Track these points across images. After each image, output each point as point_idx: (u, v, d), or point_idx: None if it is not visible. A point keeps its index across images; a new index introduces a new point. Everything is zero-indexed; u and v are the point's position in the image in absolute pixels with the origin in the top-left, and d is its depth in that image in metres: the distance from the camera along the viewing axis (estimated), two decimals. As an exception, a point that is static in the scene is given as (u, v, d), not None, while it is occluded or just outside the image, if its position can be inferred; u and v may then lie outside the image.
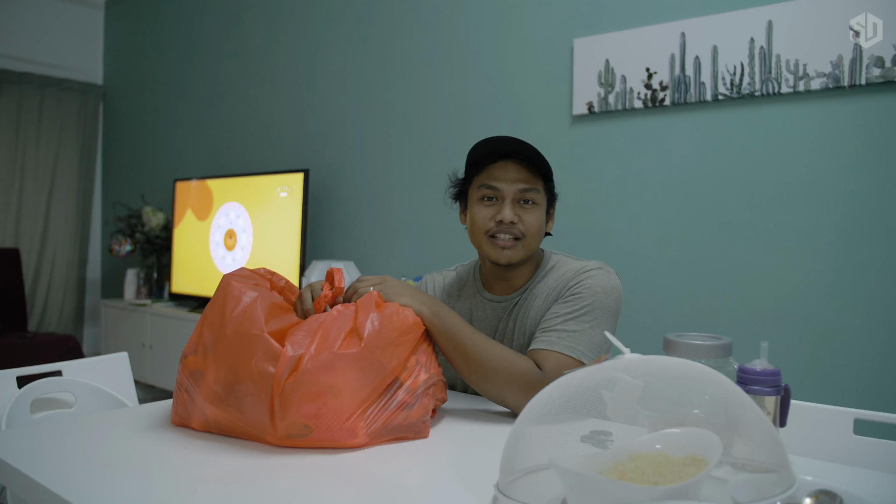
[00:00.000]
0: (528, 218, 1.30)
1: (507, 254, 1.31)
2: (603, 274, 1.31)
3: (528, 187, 1.29)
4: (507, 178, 1.30)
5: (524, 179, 1.29)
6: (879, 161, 2.08)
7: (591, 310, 1.25)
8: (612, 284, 1.30)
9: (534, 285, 1.37)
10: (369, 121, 3.45)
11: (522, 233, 1.30)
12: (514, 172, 1.30)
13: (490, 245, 1.32)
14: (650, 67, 2.46)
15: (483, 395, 1.22)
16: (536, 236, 1.32)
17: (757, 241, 2.29)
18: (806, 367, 2.18)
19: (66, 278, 4.93)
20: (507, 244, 1.30)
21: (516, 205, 1.30)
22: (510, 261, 1.31)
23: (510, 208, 1.29)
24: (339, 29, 3.58)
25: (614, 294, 1.29)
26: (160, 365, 4.06)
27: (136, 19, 4.95)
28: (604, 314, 1.26)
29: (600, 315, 1.26)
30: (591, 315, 1.25)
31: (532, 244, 1.32)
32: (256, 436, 1.03)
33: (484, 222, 1.32)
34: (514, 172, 1.30)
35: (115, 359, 1.57)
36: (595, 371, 0.77)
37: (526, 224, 1.30)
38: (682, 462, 0.73)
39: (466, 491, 0.86)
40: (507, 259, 1.31)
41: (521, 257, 1.32)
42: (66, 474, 0.91)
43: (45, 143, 4.83)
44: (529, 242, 1.31)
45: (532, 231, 1.30)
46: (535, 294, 1.36)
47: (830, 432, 1.20)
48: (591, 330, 1.24)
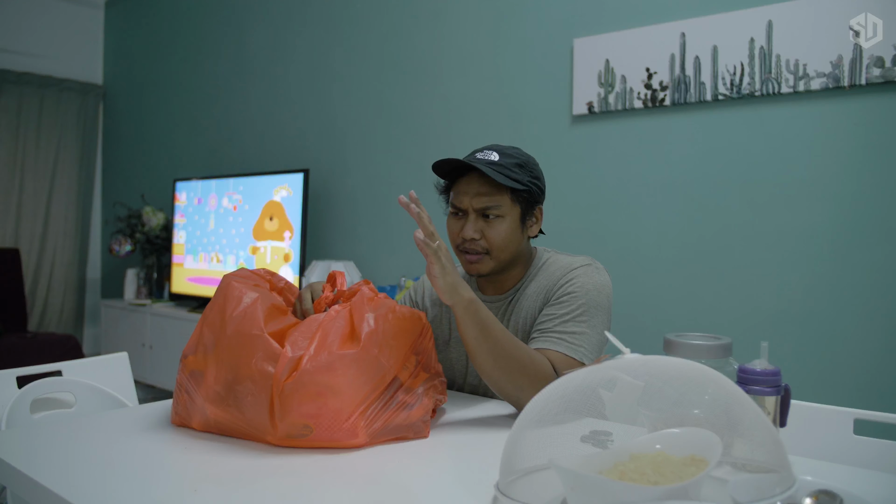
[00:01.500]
0: (490, 232, 1.29)
1: (475, 267, 1.32)
2: (592, 271, 1.32)
3: (489, 204, 1.28)
4: (469, 192, 1.30)
5: (485, 193, 1.28)
6: (879, 161, 2.08)
7: (586, 309, 1.26)
8: (602, 281, 1.31)
9: (526, 284, 1.37)
10: (369, 121, 3.45)
11: (486, 248, 1.30)
12: (477, 187, 1.29)
13: (460, 258, 1.34)
14: (650, 67, 2.46)
15: (497, 391, 1.19)
16: (503, 248, 1.31)
17: (757, 240, 2.29)
18: (806, 367, 2.18)
19: (66, 278, 4.93)
20: (473, 258, 1.31)
21: (480, 219, 1.30)
22: (479, 272, 1.33)
23: (472, 224, 1.29)
24: (339, 29, 3.58)
25: (605, 290, 1.30)
26: (160, 365, 4.05)
27: (136, 19, 4.95)
28: (598, 312, 1.28)
29: (595, 314, 1.27)
30: (587, 315, 1.26)
31: (500, 255, 1.31)
32: (256, 436, 1.03)
33: (452, 237, 1.34)
34: (476, 187, 1.29)
35: (115, 359, 1.57)
36: (595, 371, 0.77)
37: (489, 238, 1.29)
38: (683, 462, 0.73)
39: (466, 491, 0.86)
40: (476, 271, 1.32)
41: (490, 269, 1.32)
42: (66, 474, 0.91)
43: (45, 143, 4.83)
44: (497, 254, 1.31)
45: (496, 244, 1.30)
46: (527, 294, 1.36)
47: (830, 432, 1.20)
48: (591, 330, 1.25)
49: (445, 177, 1.36)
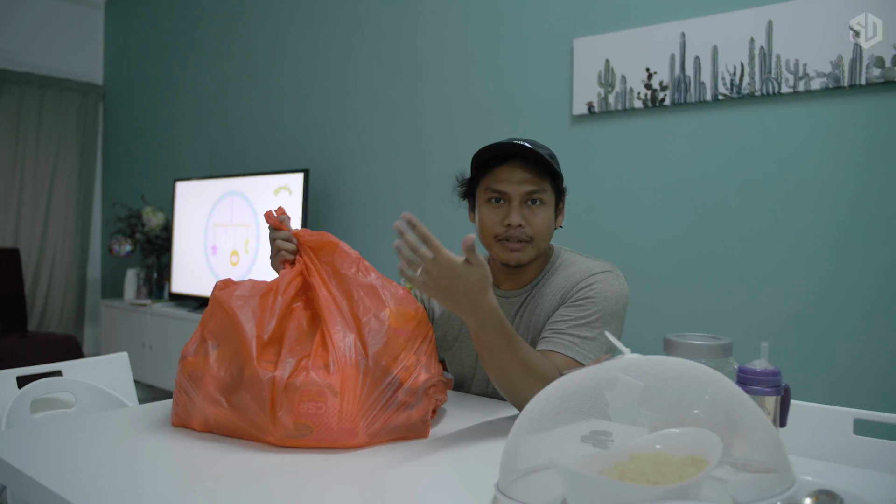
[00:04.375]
0: (535, 219, 1.29)
1: (516, 256, 1.30)
2: (613, 278, 1.31)
3: (534, 188, 1.28)
4: (513, 179, 1.28)
5: (530, 180, 1.28)
6: (879, 161, 2.08)
7: (601, 316, 1.26)
8: (621, 289, 1.30)
9: (543, 282, 1.37)
10: (369, 121, 3.45)
11: (530, 235, 1.29)
12: (521, 173, 1.28)
13: (499, 248, 1.31)
14: (650, 67, 2.46)
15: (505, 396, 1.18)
16: (545, 236, 1.31)
17: (757, 240, 2.29)
18: (806, 367, 2.17)
19: (66, 278, 4.93)
20: (516, 247, 1.29)
21: (523, 206, 1.29)
22: (519, 262, 1.31)
23: (517, 211, 1.28)
24: (339, 29, 3.58)
25: (622, 300, 1.30)
26: (160, 365, 4.05)
27: (136, 19, 4.95)
28: (612, 320, 1.27)
29: (609, 321, 1.27)
30: (602, 322, 1.25)
31: (541, 244, 1.31)
32: (256, 436, 1.03)
33: (492, 226, 1.31)
34: (520, 173, 1.28)
35: (115, 359, 1.57)
36: (595, 371, 0.77)
37: (534, 226, 1.29)
38: (683, 462, 0.73)
39: (466, 491, 0.86)
40: (517, 260, 1.31)
41: (531, 258, 1.32)
42: (66, 474, 0.91)
43: (45, 143, 4.82)
44: (538, 243, 1.31)
45: (540, 232, 1.30)
46: (543, 292, 1.35)
47: (830, 432, 1.20)
48: (601, 337, 1.24)
49: (482, 167, 1.32)
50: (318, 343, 1.04)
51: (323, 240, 1.17)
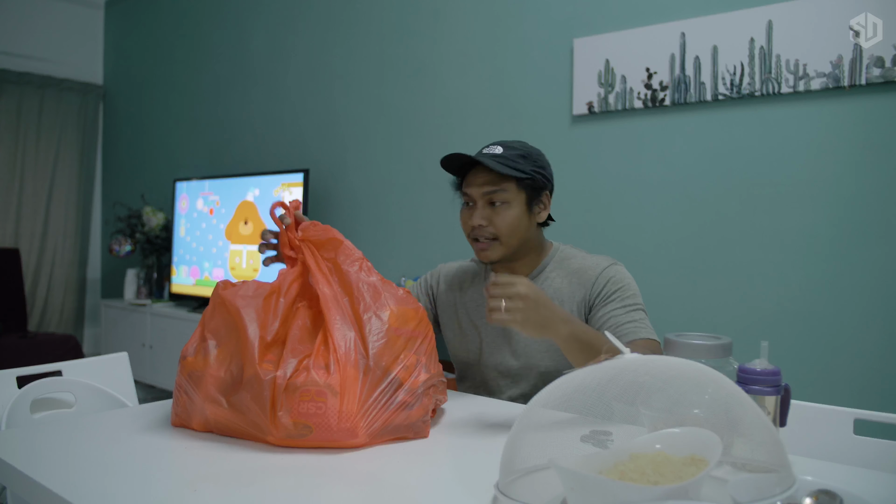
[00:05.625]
0: (497, 219, 1.35)
1: (485, 254, 1.38)
2: (622, 267, 1.42)
3: (493, 189, 1.34)
4: (475, 182, 1.36)
5: (490, 181, 1.34)
6: (879, 161, 2.08)
7: (637, 299, 1.37)
8: (630, 276, 1.42)
9: (546, 274, 1.42)
10: (369, 121, 3.45)
11: (494, 234, 1.36)
12: (482, 176, 1.35)
13: (474, 247, 1.40)
14: (650, 67, 2.46)
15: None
16: (512, 234, 1.36)
17: (757, 240, 2.29)
18: (806, 367, 2.17)
19: (66, 278, 4.93)
20: (483, 246, 1.37)
21: (487, 207, 1.36)
22: (489, 259, 1.38)
23: (479, 212, 1.35)
24: (339, 29, 3.58)
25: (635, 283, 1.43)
26: (160, 365, 4.05)
27: (136, 19, 4.95)
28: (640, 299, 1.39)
29: (641, 300, 1.39)
30: (638, 302, 1.37)
31: (510, 241, 1.37)
32: (256, 436, 1.03)
33: (465, 227, 1.40)
34: (482, 176, 1.35)
35: (115, 359, 1.57)
36: (595, 371, 0.77)
37: (497, 225, 1.35)
38: (683, 462, 0.73)
39: (466, 491, 0.86)
40: (486, 258, 1.38)
41: (500, 255, 1.38)
42: (66, 474, 0.91)
43: (45, 143, 4.82)
44: (506, 241, 1.36)
45: (504, 230, 1.35)
46: (545, 286, 1.41)
47: (830, 432, 1.20)
48: (645, 314, 1.36)
49: (456, 173, 1.41)
50: (320, 342, 1.04)
51: (328, 235, 1.17)
